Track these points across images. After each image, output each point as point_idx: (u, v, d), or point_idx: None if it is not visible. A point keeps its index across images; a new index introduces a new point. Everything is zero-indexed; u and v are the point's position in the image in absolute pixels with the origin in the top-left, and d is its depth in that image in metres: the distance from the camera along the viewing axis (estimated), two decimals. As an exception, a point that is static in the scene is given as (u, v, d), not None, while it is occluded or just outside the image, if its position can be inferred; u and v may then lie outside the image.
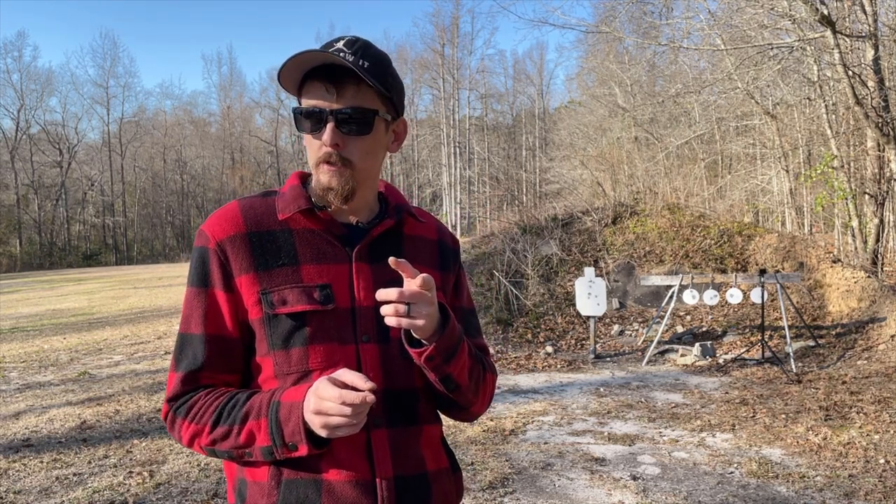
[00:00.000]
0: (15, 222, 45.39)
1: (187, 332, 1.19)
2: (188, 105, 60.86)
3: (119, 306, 15.48)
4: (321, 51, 1.12)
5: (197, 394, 1.16)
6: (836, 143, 12.00)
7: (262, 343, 1.17)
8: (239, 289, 1.17)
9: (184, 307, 1.21)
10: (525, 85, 52.05)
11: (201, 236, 1.20)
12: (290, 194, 1.22)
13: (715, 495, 3.97)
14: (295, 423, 1.07)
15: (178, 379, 1.18)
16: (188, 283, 1.21)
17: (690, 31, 12.91)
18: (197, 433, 1.14)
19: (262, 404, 1.11)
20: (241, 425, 1.11)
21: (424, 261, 1.28)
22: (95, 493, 4.13)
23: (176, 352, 1.20)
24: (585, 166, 20.09)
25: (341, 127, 1.14)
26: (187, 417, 1.15)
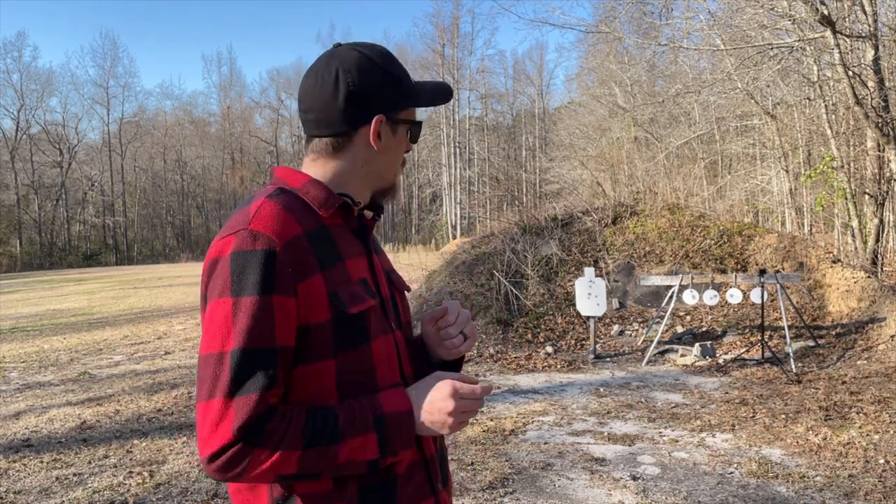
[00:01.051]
0: (15, 222, 45.39)
1: (254, 347, 1.04)
2: (188, 105, 60.92)
3: (119, 306, 15.48)
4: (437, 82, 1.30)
5: (271, 419, 1.04)
6: (836, 143, 12.00)
7: (323, 346, 1.10)
8: (304, 292, 1.09)
9: (240, 319, 1.04)
10: (525, 85, 52.09)
11: (259, 238, 1.06)
12: (318, 190, 1.18)
13: (715, 495, 3.97)
14: (406, 431, 1.11)
15: (248, 405, 1.02)
16: (243, 293, 1.05)
17: (690, 32, 12.91)
18: (280, 462, 1.03)
19: (365, 418, 1.08)
20: (339, 444, 1.05)
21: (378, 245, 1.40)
22: (95, 493, 4.13)
23: (234, 372, 1.03)
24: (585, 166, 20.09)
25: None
26: (268, 447, 1.02)
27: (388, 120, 1.21)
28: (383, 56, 1.22)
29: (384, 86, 1.20)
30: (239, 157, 56.69)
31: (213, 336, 1.05)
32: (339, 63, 1.19)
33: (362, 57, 1.19)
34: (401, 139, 1.25)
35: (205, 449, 1.02)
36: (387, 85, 1.20)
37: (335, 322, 1.11)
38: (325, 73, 1.19)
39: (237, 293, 1.05)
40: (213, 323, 1.06)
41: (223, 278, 1.06)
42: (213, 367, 1.04)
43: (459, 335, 1.29)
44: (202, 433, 1.03)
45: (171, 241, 52.99)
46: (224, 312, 1.05)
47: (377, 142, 1.20)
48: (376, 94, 1.19)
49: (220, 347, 1.04)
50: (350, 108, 1.18)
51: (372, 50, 1.22)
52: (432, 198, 49.10)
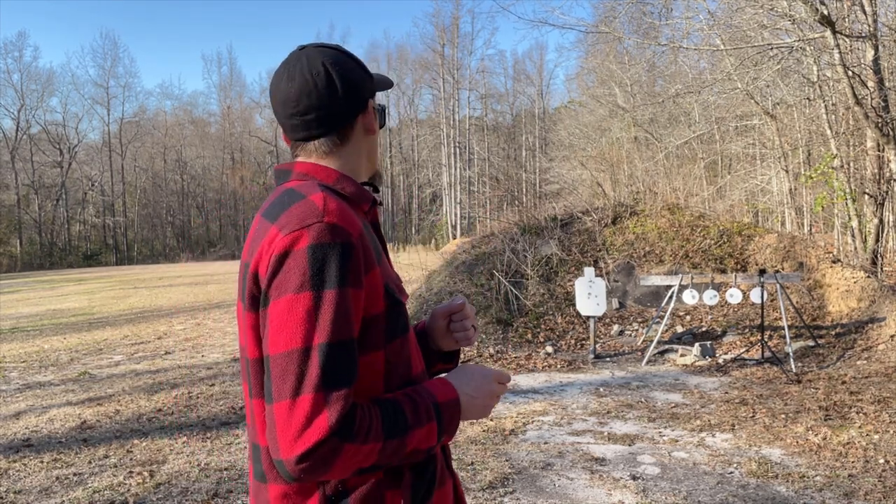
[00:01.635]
0: (15, 222, 45.40)
1: (342, 339, 1.03)
2: (188, 105, 60.94)
3: (119, 306, 15.48)
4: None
5: (356, 412, 1.04)
6: (835, 143, 12.00)
7: (377, 337, 1.12)
8: (368, 283, 1.10)
9: (325, 313, 1.02)
10: (525, 85, 52.10)
11: (338, 231, 1.06)
12: (352, 186, 1.21)
13: (715, 495, 3.98)
14: (457, 420, 1.18)
15: (341, 399, 1.00)
16: (325, 286, 1.03)
17: (690, 32, 12.91)
18: (368, 454, 1.03)
19: (426, 408, 1.12)
20: (408, 435, 1.08)
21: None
22: (95, 493, 4.13)
23: (325, 367, 1.01)
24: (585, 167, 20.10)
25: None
26: (357, 440, 1.01)
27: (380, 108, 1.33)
28: (346, 51, 1.29)
29: (364, 74, 1.27)
30: (239, 157, 56.69)
31: (294, 331, 1.02)
32: (323, 59, 1.21)
33: (335, 52, 1.25)
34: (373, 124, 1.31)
35: (293, 448, 0.99)
36: (364, 74, 1.27)
37: (387, 312, 1.14)
38: (312, 71, 1.19)
39: (318, 287, 1.03)
40: (293, 318, 1.02)
41: (300, 272, 1.03)
42: (298, 362, 1.01)
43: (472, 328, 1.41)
44: (287, 432, 0.99)
45: (171, 241, 52.98)
46: (305, 307, 1.02)
47: (372, 126, 1.29)
48: (362, 82, 1.25)
49: (305, 342, 1.01)
50: (351, 99, 1.23)
51: (336, 47, 1.29)
52: (432, 198, 49.10)
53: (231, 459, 4.71)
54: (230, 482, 4.27)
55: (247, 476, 4.39)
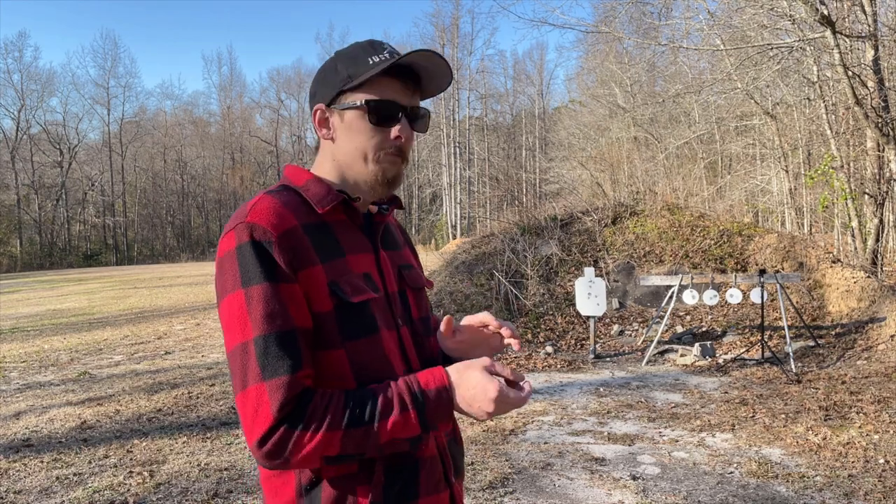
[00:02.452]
0: (15, 222, 45.40)
1: (272, 332, 1.05)
2: (188, 105, 60.95)
3: (119, 306, 15.48)
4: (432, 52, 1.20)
5: (310, 399, 1.05)
6: (835, 144, 12.00)
7: (330, 336, 1.12)
8: (304, 281, 1.11)
9: (254, 308, 1.06)
10: (525, 85, 52.10)
11: (256, 230, 1.09)
12: (318, 188, 1.21)
13: (715, 495, 3.98)
14: (444, 408, 1.10)
15: (279, 386, 1.03)
16: (251, 283, 1.07)
17: (690, 32, 12.91)
18: (324, 443, 1.04)
19: (405, 397, 1.08)
20: (382, 421, 1.06)
21: (403, 243, 1.42)
22: (95, 493, 4.13)
23: (259, 359, 1.04)
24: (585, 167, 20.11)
25: (412, 123, 1.24)
26: (310, 428, 1.03)
27: (329, 108, 1.22)
28: (347, 49, 1.24)
29: (325, 78, 1.23)
30: (239, 157, 56.70)
31: (233, 329, 1.07)
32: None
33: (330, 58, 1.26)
34: (353, 124, 1.20)
35: (251, 437, 1.04)
36: (327, 76, 1.23)
37: (338, 312, 1.13)
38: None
39: (246, 283, 1.07)
40: (231, 317, 1.08)
41: (231, 273, 1.09)
42: (240, 358, 1.06)
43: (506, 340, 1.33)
44: (245, 423, 1.05)
45: (171, 241, 52.99)
46: (238, 304, 1.07)
47: (324, 132, 1.24)
48: (318, 87, 1.24)
49: (242, 338, 1.06)
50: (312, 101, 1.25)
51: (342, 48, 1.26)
52: (432, 198, 49.09)
53: (231, 459, 4.71)
54: (230, 482, 4.27)
55: (246, 476, 4.40)
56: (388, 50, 1.21)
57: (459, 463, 1.32)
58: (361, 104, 1.19)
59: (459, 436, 1.37)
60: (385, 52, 1.20)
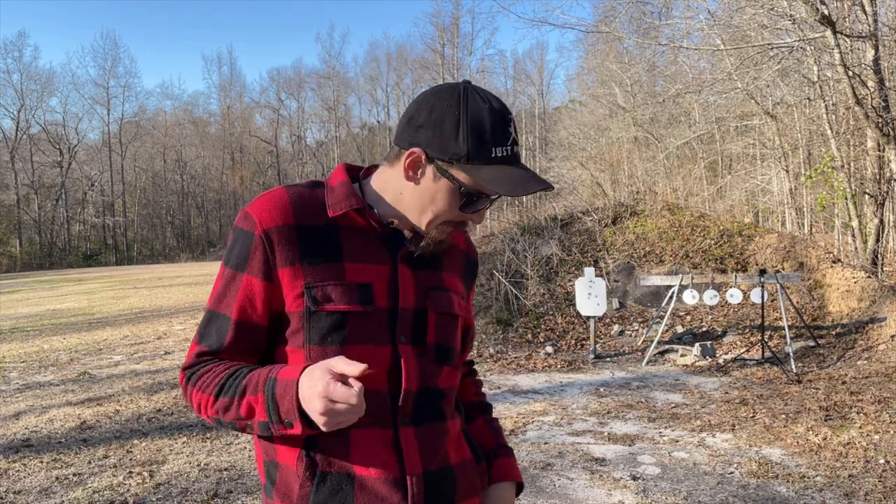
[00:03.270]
0: (15, 222, 45.40)
1: (216, 311, 1.21)
2: (188, 105, 60.90)
3: (119, 306, 15.48)
4: (539, 177, 1.19)
5: (207, 364, 1.20)
6: (836, 143, 12.00)
7: (297, 335, 1.17)
8: (280, 279, 1.17)
9: (217, 283, 1.22)
10: (525, 85, 52.10)
11: (247, 219, 1.18)
12: (341, 191, 1.22)
13: (715, 495, 3.97)
14: (290, 402, 1.06)
15: (196, 352, 1.22)
16: (225, 262, 1.21)
17: (690, 31, 12.91)
18: (203, 402, 1.17)
19: (260, 379, 1.11)
20: (240, 398, 1.12)
21: (456, 269, 1.35)
22: (95, 493, 4.13)
23: (202, 325, 1.23)
24: (585, 167, 20.11)
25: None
26: (196, 386, 1.18)
27: (431, 160, 1.16)
28: (476, 109, 1.14)
29: (442, 127, 1.14)
30: (239, 157, 56.70)
31: (212, 291, 1.24)
32: (436, 93, 1.18)
33: (456, 100, 1.15)
34: (441, 191, 1.17)
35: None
36: (445, 127, 1.14)
37: (307, 315, 1.16)
38: (426, 94, 1.20)
39: (225, 262, 1.22)
40: (216, 280, 1.24)
41: (227, 247, 1.23)
42: (204, 315, 1.24)
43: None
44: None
45: (171, 241, 52.98)
46: (218, 275, 1.23)
47: (409, 172, 1.18)
48: (430, 130, 1.15)
49: (208, 303, 1.23)
50: (407, 129, 1.18)
51: (475, 99, 1.16)
52: (432, 198, 49.07)
53: (231, 459, 4.71)
54: (230, 482, 4.27)
55: (246, 476, 4.39)
56: (512, 140, 1.17)
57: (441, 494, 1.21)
58: (463, 190, 1.16)
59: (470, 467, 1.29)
60: (508, 143, 1.16)
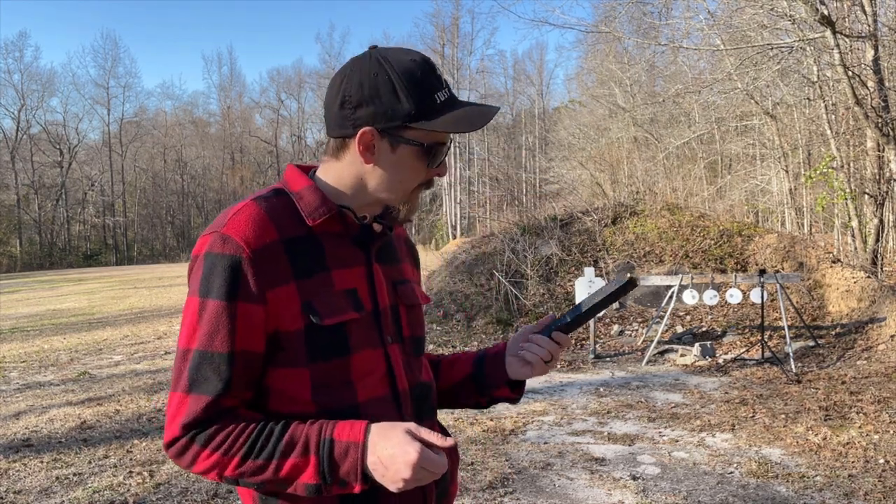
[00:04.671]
0: (15, 222, 45.40)
1: (208, 350, 1.06)
2: (188, 105, 60.94)
3: (119, 306, 15.48)
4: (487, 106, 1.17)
5: (220, 423, 1.06)
6: (835, 144, 12.00)
7: (296, 355, 1.10)
8: (274, 300, 1.08)
9: (193, 318, 1.08)
10: (525, 85, 52.09)
11: (227, 243, 1.07)
12: (312, 197, 1.16)
13: (715, 495, 3.98)
14: (351, 464, 1.03)
15: (198, 404, 1.06)
16: (209, 295, 1.07)
17: (690, 32, 12.91)
18: (220, 464, 1.05)
19: (310, 441, 1.05)
20: (280, 460, 1.04)
21: (406, 257, 1.36)
22: (95, 493, 4.13)
23: (191, 371, 1.06)
24: (585, 167, 20.11)
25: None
26: (208, 447, 1.05)
27: (383, 134, 1.13)
28: (404, 66, 1.12)
29: (379, 97, 1.11)
30: (239, 157, 56.71)
31: (184, 331, 1.10)
32: (352, 67, 1.15)
33: (379, 65, 1.12)
34: (404, 159, 1.15)
35: (164, 435, 1.09)
36: (381, 96, 1.11)
37: (307, 332, 1.10)
38: (339, 74, 1.17)
39: (204, 294, 1.07)
40: (186, 318, 1.10)
41: (197, 276, 1.09)
42: (179, 361, 1.09)
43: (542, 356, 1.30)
44: (166, 420, 1.09)
45: (171, 241, 52.99)
46: (193, 310, 1.09)
47: (366, 155, 1.14)
48: (370, 104, 1.11)
49: (187, 344, 1.08)
50: (342, 114, 1.14)
51: (397, 58, 1.14)
52: (432, 198, 49.04)
53: (231, 459, 4.71)
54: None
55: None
56: (445, 82, 1.16)
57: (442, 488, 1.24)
58: (425, 146, 1.14)
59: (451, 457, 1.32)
60: (444, 87, 1.15)
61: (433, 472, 1.02)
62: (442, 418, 1.35)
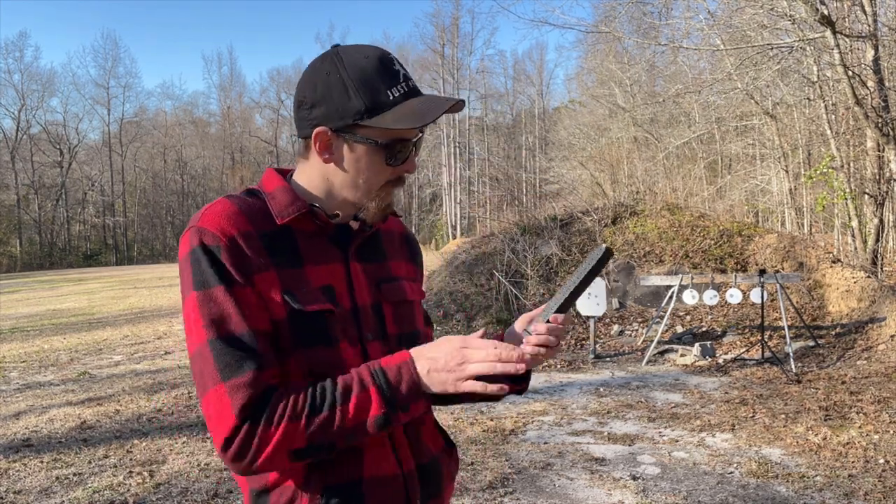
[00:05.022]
0: (15, 222, 45.39)
1: (228, 335, 1.04)
2: (188, 105, 60.93)
3: (119, 306, 15.48)
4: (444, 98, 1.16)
5: (273, 397, 1.04)
6: (835, 144, 12.00)
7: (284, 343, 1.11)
8: (261, 283, 1.09)
9: (210, 311, 1.05)
10: (525, 85, 52.08)
11: (205, 234, 1.08)
12: (284, 197, 1.16)
13: (715, 495, 3.98)
14: (408, 380, 1.07)
15: (243, 385, 1.02)
16: (206, 286, 1.06)
17: (690, 32, 12.91)
18: (288, 434, 1.02)
19: (363, 377, 1.07)
20: (343, 405, 1.04)
21: (399, 254, 1.34)
22: (95, 493, 4.13)
23: (218, 361, 1.03)
24: (585, 167, 20.12)
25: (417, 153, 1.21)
26: (273, 421, 1.02)
27: (338, 134, 1.14)
28: (356, 64, 1.13)
29: (331, 97, 1.12)
30: (239, 157, 56.70)
31: (191, 333, 1.07)
32: (310, 68, 1.17)
33: (332, 64, 1.14)
34: (362, 157, 1.15)
35: (217, 439, 1.03)
36: (333, 96, 1.12)
37: (290, 318, 1.10)
38: (301, 75, 1.19)
39: (199, 287, 1.07)
40: (188, 320, 1.08)
41: (186, 276, 1.09)
42: (199, 362, 1.05)
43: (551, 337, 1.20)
44: (211, 426, 1.04)
45: (171, 241, 52.95)
46: (193, 308, 1.07)
47: (324, 155, 1.16)
48: (323, 104, 1.13)
49: (198, 341, 1.06)
50: (300, 115, 1.16)
51: (350, 56, 1.14)
52: (432, 198, 49.08)
53: (231, 459, 4.71)
54: (230, 482, 4.27)
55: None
56: (402, 74, 1.15)
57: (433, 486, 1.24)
58: (380, 143, 1.14)
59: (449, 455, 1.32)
60: (401, 81, 1.14)
61: (483, 356, 1.06)
62: (442, 418, 1.35)
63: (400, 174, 1.20)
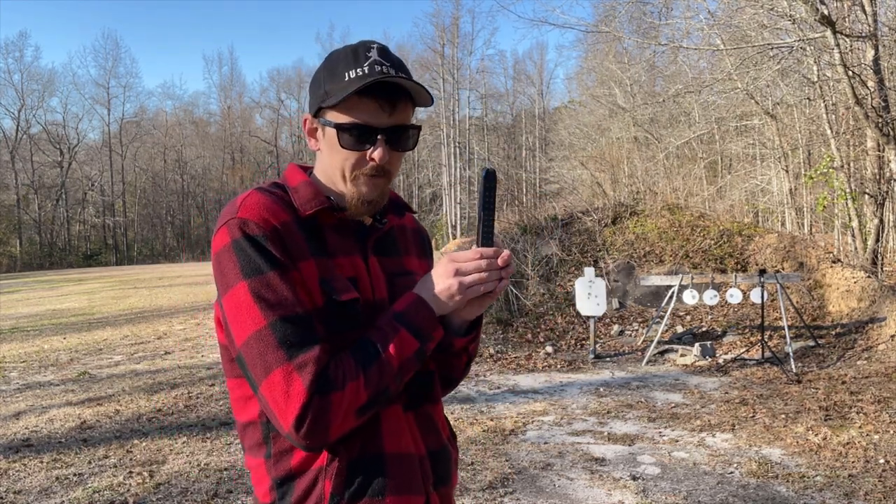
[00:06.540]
0: (15, 222, 45.39)
1: (290, 314, 1.07)
2: (189, 105, 60.96)
3: (119, 306, 15.47)
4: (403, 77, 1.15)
5: (328, 365, 1.07)
6: (836, 144, 12.00)
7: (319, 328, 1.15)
8: (302, 272, 1.12)
9: (265, 295, 1.07)
10: (525, 85, 52.08)
11: (247, 224, 1.10)
12: (306, 190, 1.21)
13: (715, 495, 3.97)
14: (427, 312, 1.14)
15: (309, 361, 1.05)
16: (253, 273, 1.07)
17: (690, 31, 12.90)
18: (355, 392, 1.06)
19: (388, 322, 1.14)
20: (386, 351, 1.10)
21: (412, 249, 1.37)
22: (95, 493, 4.13)
23: (282, 341, 1.05)
24: (585, 167, 20.11)
25: (390, 143, 1.18)
26: (338, 385, 1.06)
27: (315, 119, 1.22)
28: (334, 54, 1.21)
29: (312, 86, 1.22)
30: (239, 157, 56.71)
31: (243, 321, 1.08)
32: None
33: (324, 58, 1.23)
34: (328, 141, 1.20)
35: (286, 420, 1.05)
36: (312, 85, 1.22)
37: (327, 308, 1.14)
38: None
39: (248, 275, 1.08)
40: (238, 309, 1.08)
41: (231, 266, 1.10)
42: (258, 345, 1.06)
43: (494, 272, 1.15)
44: (278, 408, 1.05)
45: (171, 241, 52.98)
46: (244, 295, 1.08)
47: (312, 141, 1.24)
48: (309, 94, 1.23)
49: (255, 327, 1.07)
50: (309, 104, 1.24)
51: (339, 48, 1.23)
52: (432, 197, 49.08)
53: (231, 459, 4.71)
54: (230, 482, 4.27)
55: (246, 476, 4.39)
56: (371, 61, 1.15)
57: (442, 472, 1.28)
58: (335, 125, 1.17)
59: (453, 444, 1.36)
60: (365, 64, 1.14)
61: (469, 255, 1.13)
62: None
63: (364, 162, 1.18)
